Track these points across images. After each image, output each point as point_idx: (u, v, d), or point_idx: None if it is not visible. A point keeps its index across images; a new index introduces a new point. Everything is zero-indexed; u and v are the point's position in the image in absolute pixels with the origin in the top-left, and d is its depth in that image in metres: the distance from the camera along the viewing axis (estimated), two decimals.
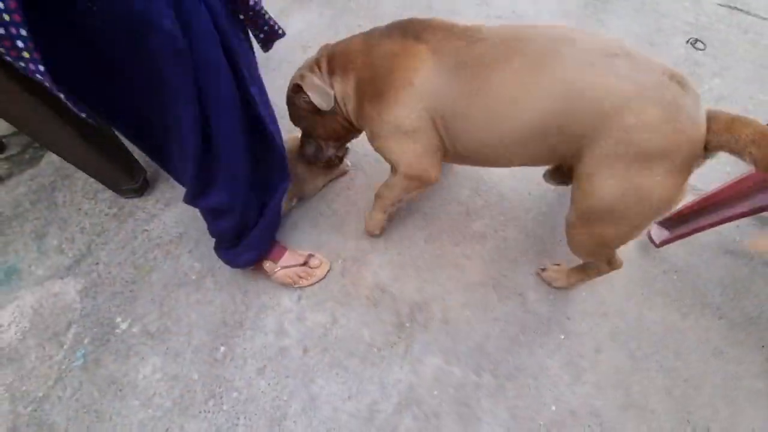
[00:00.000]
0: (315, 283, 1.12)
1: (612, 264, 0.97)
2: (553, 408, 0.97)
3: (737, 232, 1.19)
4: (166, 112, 0.68)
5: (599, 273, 1.00)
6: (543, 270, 1.12)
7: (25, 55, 0.48)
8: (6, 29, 0.45)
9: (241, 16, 0.74)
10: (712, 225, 1.00)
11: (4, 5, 0.44)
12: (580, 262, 1.02)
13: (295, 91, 0.95)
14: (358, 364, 1.02)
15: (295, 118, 1.03)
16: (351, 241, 1.19)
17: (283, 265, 1.08)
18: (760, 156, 0.63)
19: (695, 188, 1.26)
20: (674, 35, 1.62)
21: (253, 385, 0.99)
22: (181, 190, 1.25)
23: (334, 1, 1.75)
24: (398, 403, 0.97)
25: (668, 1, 1.74)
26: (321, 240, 1.19)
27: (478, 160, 0.92)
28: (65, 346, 1.04)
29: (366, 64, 0.87)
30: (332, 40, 0.95)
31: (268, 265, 1.08)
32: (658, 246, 1.11)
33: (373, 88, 0.85)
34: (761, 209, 0.90)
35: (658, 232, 1.11)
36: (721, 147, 0.67)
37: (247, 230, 0.98)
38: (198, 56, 0.62)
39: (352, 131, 1.03)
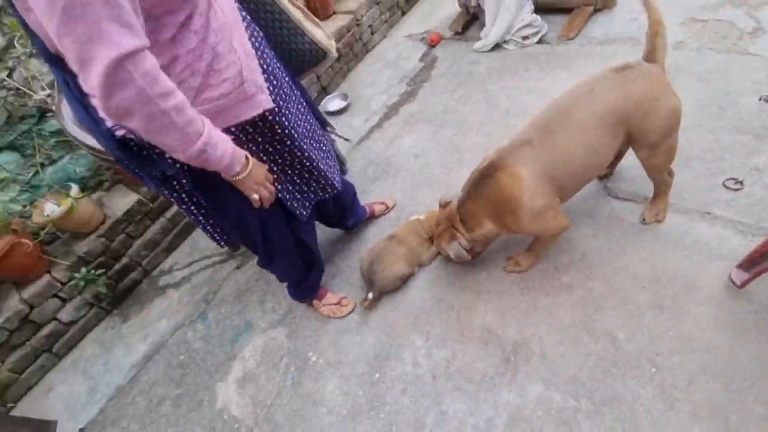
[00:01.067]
0: (346, 315, 1.67)
1: (671, 173, 1.44)
2: None
3: None
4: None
5: (668, 186, 1.47)
6: (643, 220, 1.53)
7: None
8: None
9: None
10: None
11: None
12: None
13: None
14: (475, 389, 1.35)
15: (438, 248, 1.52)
16: (462, 294, 1.58)
17: (325, 303, 1.65)
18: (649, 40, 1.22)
19: (763, 230, 1.36)
20: (744, 95, 1.77)
21: (399, 402, 1.39)
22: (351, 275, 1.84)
23: (433, 120, 2.37)
24: (509, 420, 1.25)
25: (736, 67, 1.90)
26: (440, 294, 1.61)
27: (584, 183, 1.39)
28: (280, 372, 1.61)
29: (489, 207, 1.31)
30: (434, 150, 1.46)
31: (315, 302, 1.66)
32: (740, 287, 1.24)
33: (506, 210, 1.29)
34: None
35: (737, 274, 1.25)
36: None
37: (302, 280, 1.58)
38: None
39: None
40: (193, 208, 1.16)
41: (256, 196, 1.05)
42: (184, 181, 1.04)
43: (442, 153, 2.15)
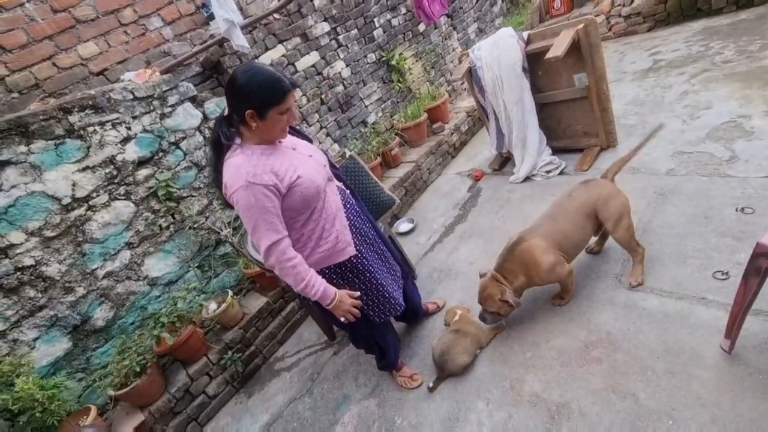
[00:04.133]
0: (414, 388, 2.15)
1: (641, 247, 2.07)
2: None
3: None
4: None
5: (641, 256, 2.07)
6: (631, 285, 2.08)
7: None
8: None
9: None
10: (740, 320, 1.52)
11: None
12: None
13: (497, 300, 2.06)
14: None
15: (489, 305, 2.09)
16: (514, 368, 2.02)
17: (400, 375, 2.18)
18: None
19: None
20: (725, 208, 2.27)
21: None
22: (425, 357, 2.37)
23: (482, 235, 3.07)
24: None
25: (717, 186, 2.45)
26: (496, 369, 2.06)
27: (578, 249, 2.08)
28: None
29: (520, 264, 2.00)
30: (484, 258, 2.10)
31: (394, 372, 2.17)
32: (729, 352, 1.60)
33: (532, 268, 1.98)
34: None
35: (724, 342, 1.62)
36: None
37: (384, 356, 2.12)
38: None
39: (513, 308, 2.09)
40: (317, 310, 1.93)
41: (342, 318, 1.65)
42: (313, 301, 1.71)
43: (491, 260, 2.73)
